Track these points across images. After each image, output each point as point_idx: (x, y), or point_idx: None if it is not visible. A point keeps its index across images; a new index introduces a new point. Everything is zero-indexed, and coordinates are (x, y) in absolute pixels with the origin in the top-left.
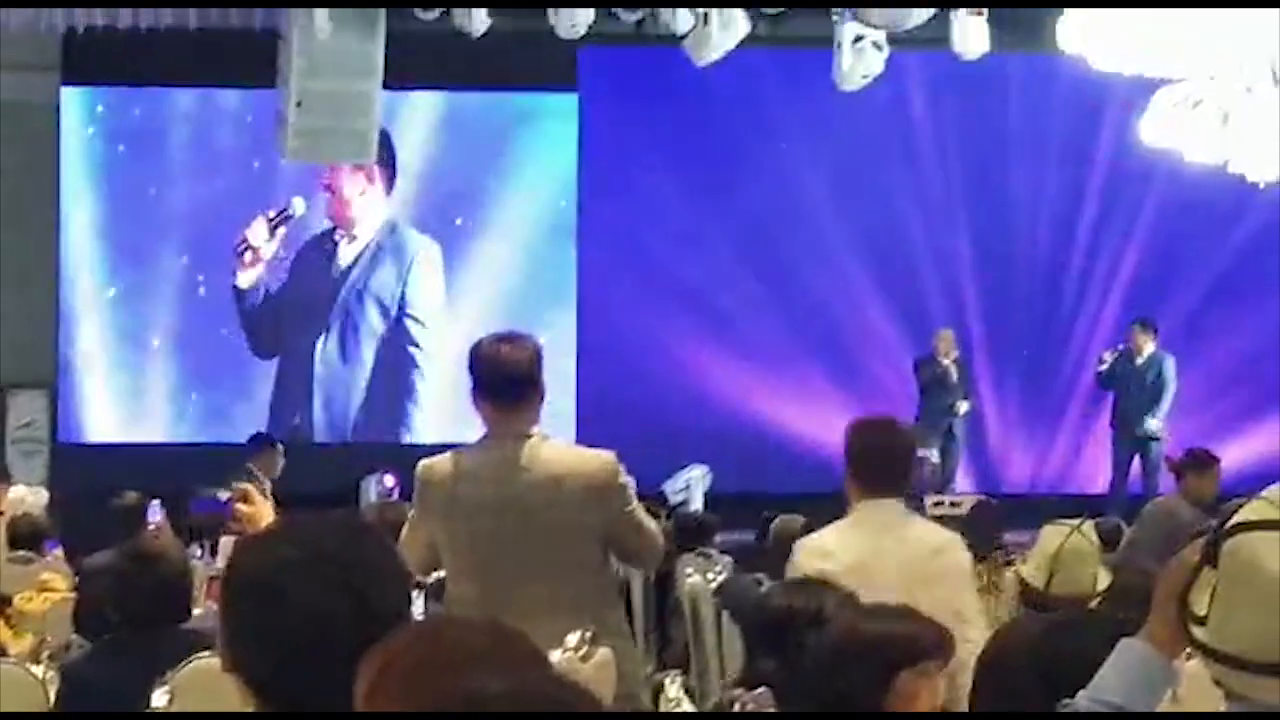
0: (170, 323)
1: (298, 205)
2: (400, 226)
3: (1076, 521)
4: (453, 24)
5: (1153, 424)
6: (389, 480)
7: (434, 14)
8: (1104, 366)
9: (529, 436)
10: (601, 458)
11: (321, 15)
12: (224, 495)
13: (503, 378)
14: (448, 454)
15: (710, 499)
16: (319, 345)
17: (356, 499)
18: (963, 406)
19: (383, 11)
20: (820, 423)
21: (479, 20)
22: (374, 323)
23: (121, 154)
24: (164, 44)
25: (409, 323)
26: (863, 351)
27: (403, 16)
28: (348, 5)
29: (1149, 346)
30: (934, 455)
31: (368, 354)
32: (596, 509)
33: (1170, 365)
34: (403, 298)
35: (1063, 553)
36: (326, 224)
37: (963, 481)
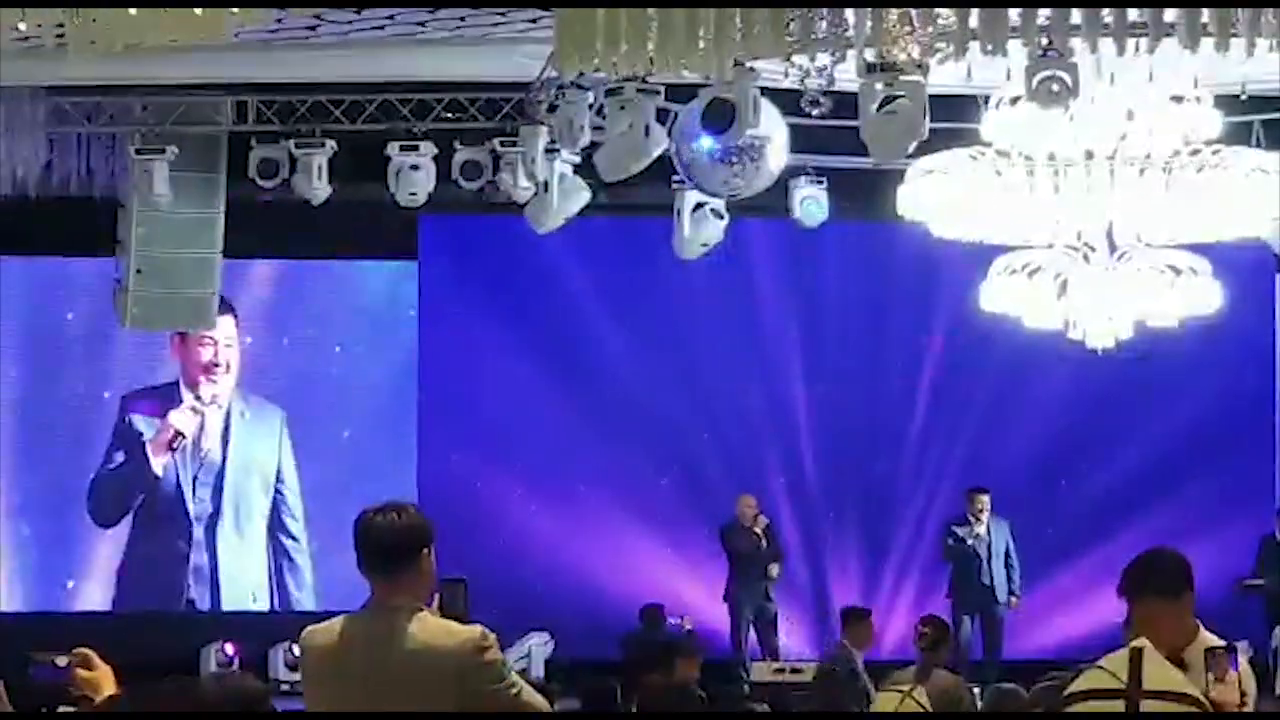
0: (11, 491)
1: (206, 387)
2: (250, 396)
3: (908, 686)
4: (294, 192)
5: (1008, 595)
6: (229, 649)
7: (274, 182)
8: (952, 541)
9: (400, 609)
10: (462, 635)
11: (161, 183)
12: (62, 661)
13: (375, 549)
14: (332, 621)
15: (550, 667)
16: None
17: (195, 668)
18: (775, 569)
19: (223, 179)
20: (658, 588)
21: (319, 189)
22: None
23: None
24: (3, 213)
25: (286, 493)
26: (700, 517)
27: (243, 186)
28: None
29: (984, 515)
30: (688, 623)
31: (248, 526)
32: (454, 686)
33: (1007, 532)
34: (279, 469)
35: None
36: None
37: (804, 647)
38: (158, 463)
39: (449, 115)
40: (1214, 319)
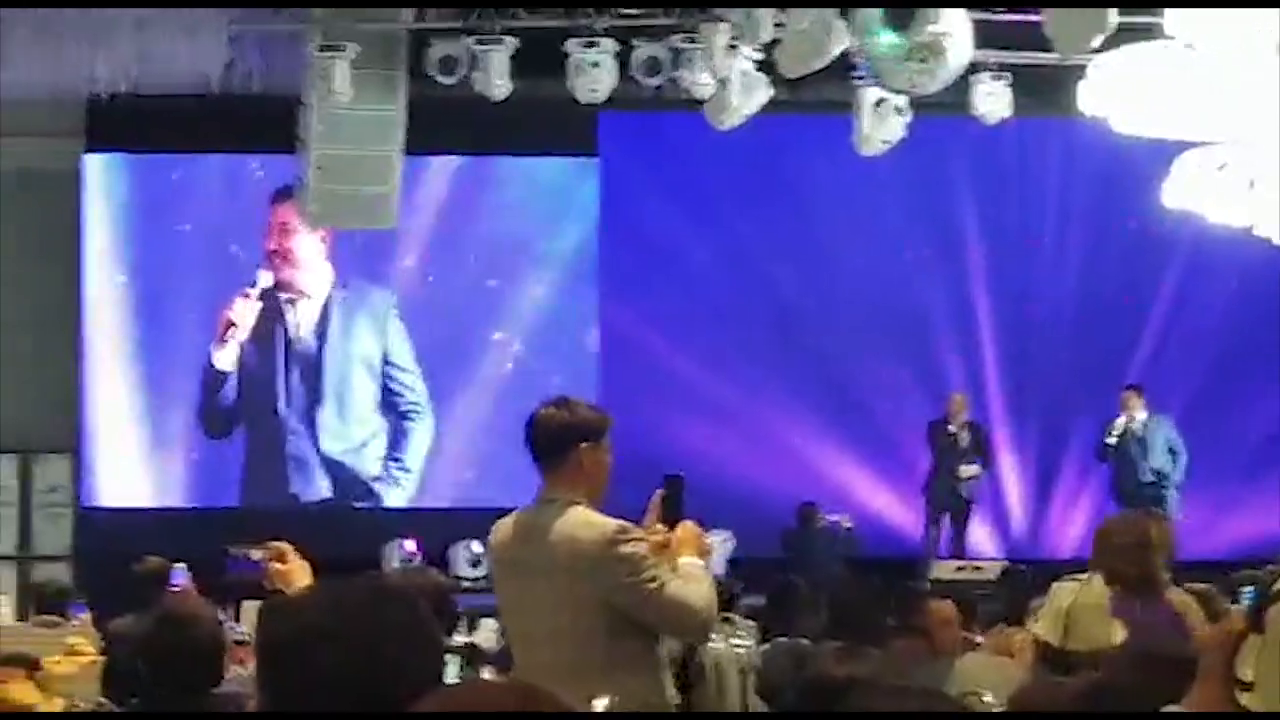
0: (191, 388)
1: (264, 278)
2: (355, 281)
3: (1085, 576)
4: (473, 89)
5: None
6: (410, 545)
7: (454, 79)
8: (1111, 439)
9: (555, 501)
10: (598, 528)
11: (342, 80)
12: (257, 555)
13: (533, 441)
14: (511, 514)
15: (733, 565)
16: (319, 411)
17: (378, 564)
18: (966, 471)
19: (403, 76)
20: (842, 487)
21: (499, 85)
22: (364, 382)
23: (142, 220)
24: (186, 111)
25: (404, 377)
26: (883, 418)
27: (423, 82)
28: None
29: (1140, 413)
30: (846, 520)
31: (367, 414)
32: (588, 579)
33: (1171, 432)
34: (386, 353)
35: (1075, 608)
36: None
37: (986, 545)
38: (217, 356)
39: (629, 11)
40: None
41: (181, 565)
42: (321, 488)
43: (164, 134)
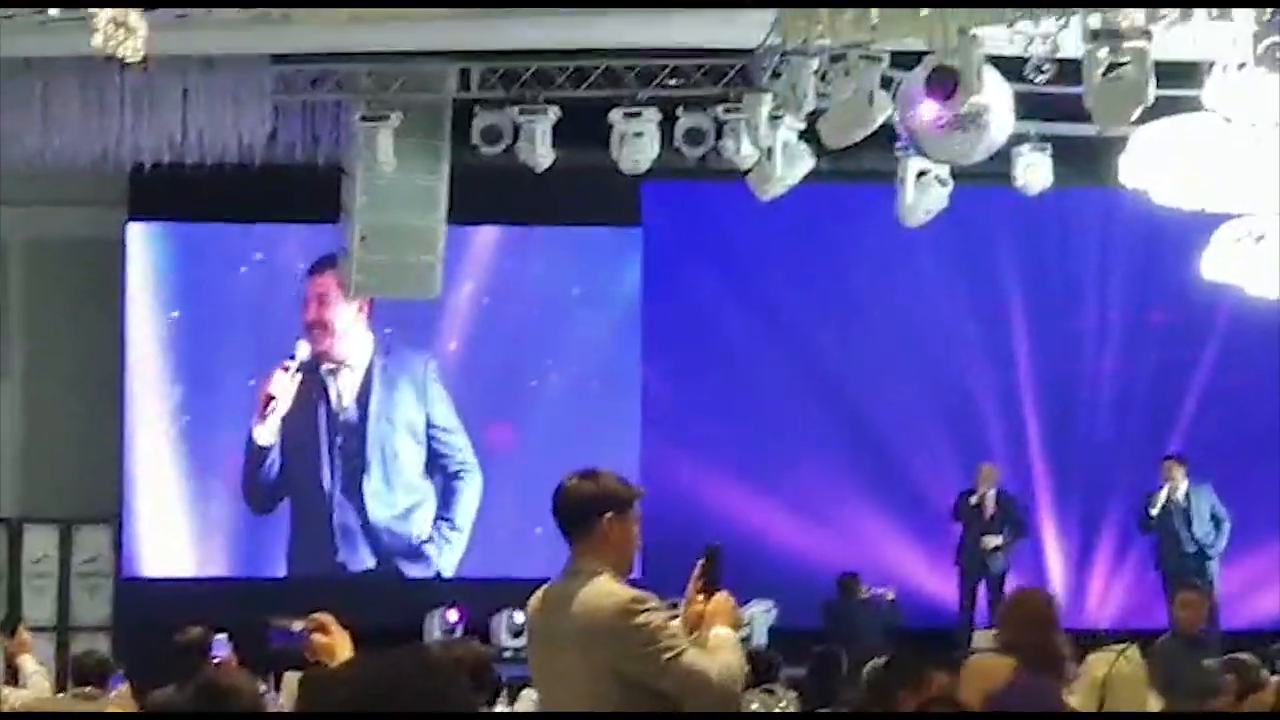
0: (233, 457)
1: (302, 349)
2: (392, 348)
3: (1121, 647)
4: (518, 159)
5: (1210, 564)
6: (453, 615)
7: (498, 149)
8: (1154, 510)
9: (580, 573)
10: (616, 597)
11: (386, 150)
12: (298, 626)
13: (558, 511)
14: (544, 586)
15: (774, 634)
16: (366, 480)
17: (420, 633)
18: (990, 541)
19: (447, 146)
20: (884, 557)
21: (543, 155)
22: (409, 447)
23: (185, 289)
24: (228, 180)
25: (450, 438)
26: (924, 488)
27: (466, 151)
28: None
29: (1182, 483)
30: (890, 593)
31: (415, 480)
32: (605, 650)
33: (1214, 499)
34: (429, 417)
35: (1111, 679)
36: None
37: None
38: (258, 431)
39: (672, 82)
40: None
41: (223, 636)
42: (365, 556)
43: (207, 204)
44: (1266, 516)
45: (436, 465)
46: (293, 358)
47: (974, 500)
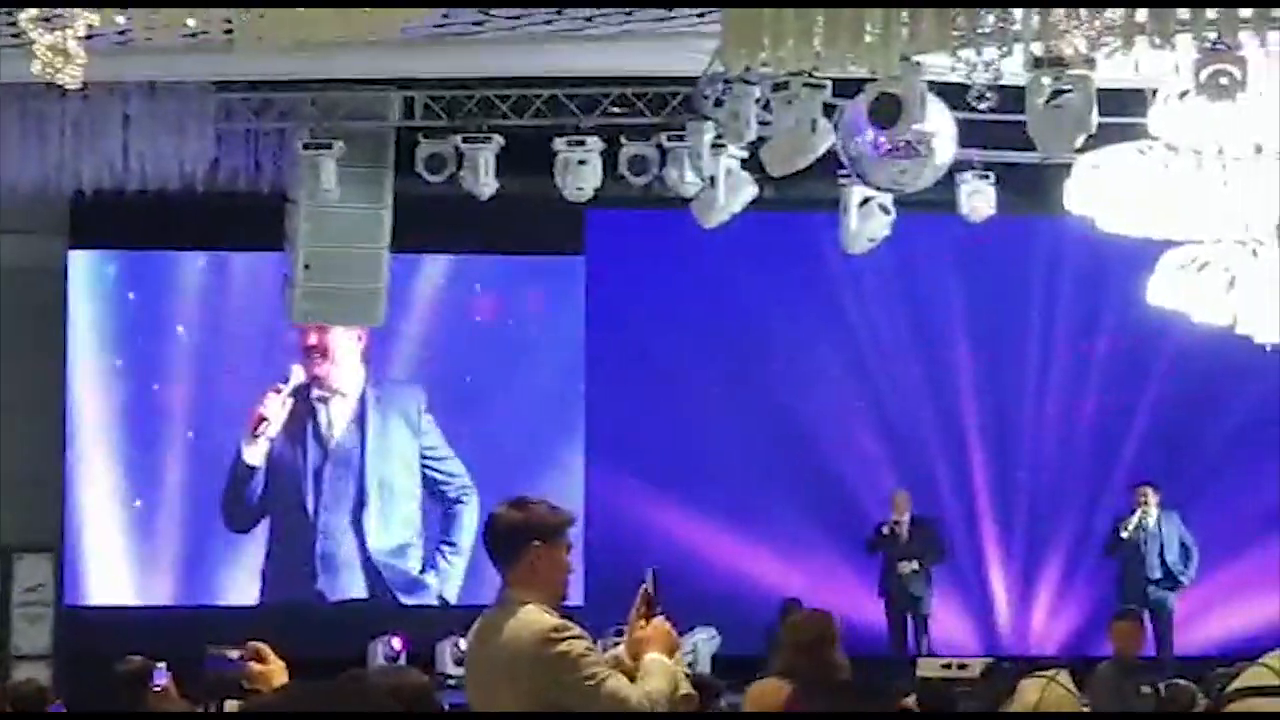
0: (175, 486)
1: (297, 373)
2: (385, 381)
3: (1052, 672)
4: (461, 187)
5: (1184, 579)
6: (396, 642)
7: (441, 177)
8: (1126, 534)
9: (508, 601)
10: (537, 626)
11: (329, 177)
12: (234, 654)
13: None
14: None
15: (717, 662)
16: (364, 513)
17: (363, 661)
18: (904, 567)
19: (390, 174)
20: (828, 587)
21: (486, 184)
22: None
23: (128, 318)
24: (171, 208)
25: (446, 465)
26: (868, 515)
27: (410, 180)
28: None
29: (1154, 510)
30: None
31: (411, 512)
32: (527, 680)
33: (1182, 527)
34: (422, 450)
35: (1042, 704)
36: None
37: (969, 643)
38: (248, 452)
39: (616, 110)
40: None
41: (163, 665)
42: (350, 585)
43: (149, 231)
44: (1215, 544)
45: (437, 492)
46: (286, 380)
47: (886, 529)
